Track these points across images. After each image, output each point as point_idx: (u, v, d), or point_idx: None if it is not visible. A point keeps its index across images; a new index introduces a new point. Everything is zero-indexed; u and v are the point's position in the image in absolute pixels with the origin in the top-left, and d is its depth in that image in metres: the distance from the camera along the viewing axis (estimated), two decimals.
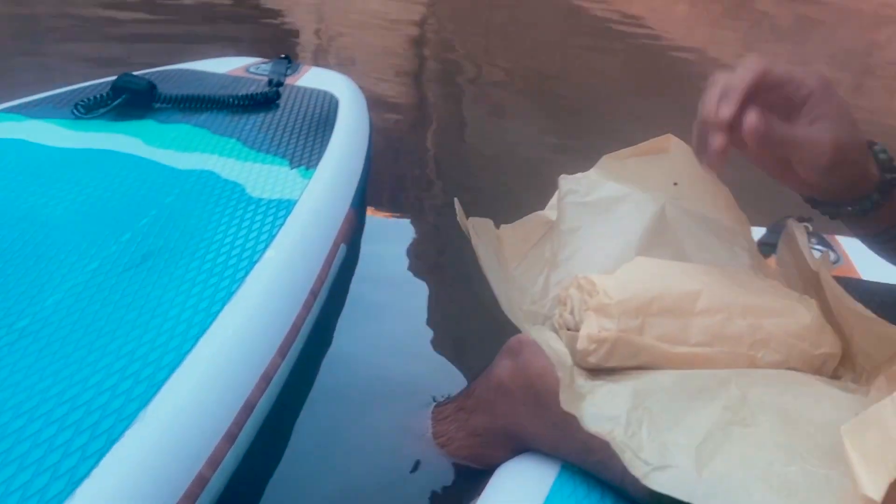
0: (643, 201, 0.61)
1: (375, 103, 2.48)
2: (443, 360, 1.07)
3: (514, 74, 3.40)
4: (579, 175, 0.63)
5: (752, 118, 0.49)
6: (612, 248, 0.60)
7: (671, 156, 0.63)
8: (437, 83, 3.20)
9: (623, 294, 0.52)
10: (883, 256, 0.68)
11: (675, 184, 0.61)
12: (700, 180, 0.62)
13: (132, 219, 0.91)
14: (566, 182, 0.62)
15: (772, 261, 0.70)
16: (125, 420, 0.62)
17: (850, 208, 0.57)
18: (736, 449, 0.43)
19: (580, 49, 4.17)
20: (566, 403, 0.45)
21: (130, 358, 0.68)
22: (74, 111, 1.20)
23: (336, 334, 1.07)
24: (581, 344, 0.51)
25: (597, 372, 0.53)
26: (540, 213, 0.64)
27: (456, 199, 0.53)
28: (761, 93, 0.53)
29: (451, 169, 2.06)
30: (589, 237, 0.61)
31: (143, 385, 0.66)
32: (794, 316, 0.53)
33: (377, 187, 1.72)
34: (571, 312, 0.56)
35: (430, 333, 1.13)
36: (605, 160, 0.63)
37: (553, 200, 0.63)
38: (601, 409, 0.46)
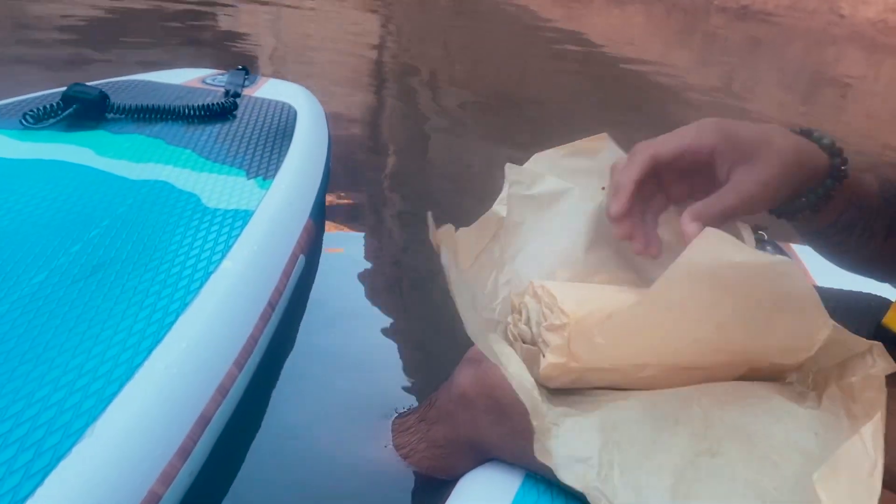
0: (582, 199, 0.61)
1: (335, 118, 2.47)
2: (404, 370, 1.06)
3: (473, 90, 3.42)
4: (519, 167, 0.62)
5: (689, 229, 0.49)
6: (557, 247, 0.60)
7: (601, 157, 0.62)
8: (396, 98, 3.20)
9: (580, 311, 0.51)
10: (831, 258, 0.69)
11: (603, 188, 0.60)
12: None
13: (82, 229, 0.89)
14: (511, 172, 0.61)
15: None
16: (72, 436, 0.59)
17: (804, 199, 0.57)
18: (708, 490, 0.43)
19: (539, 66, 4.23)
20: (539, 453, 0.45)
21: (79, 371, 0.66)
22: (23, 121, 1.16)
23: (295, 346, 1.05)
24: (545, 371, 0.51)
25: (558, 392, 0.52)
26: (492, 210, 0.62)
27: (429, 214, 0.51)
28: (665, 172, 0.54)
29: (410, 182, 2.06)
30: (533, 234, 0.60)
31: (91, 399, 0.63)
32: None
33: (337, 199, 1.70)
34: (527, 323, 0.55)
35: (390, 344, 1.12)
36: (537, 157, 0.62)
37: (503, 193, 0.62)
38: (572, 451, 0.46)
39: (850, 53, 6.64)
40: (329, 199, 1.66)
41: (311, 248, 1.10)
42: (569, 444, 0.46)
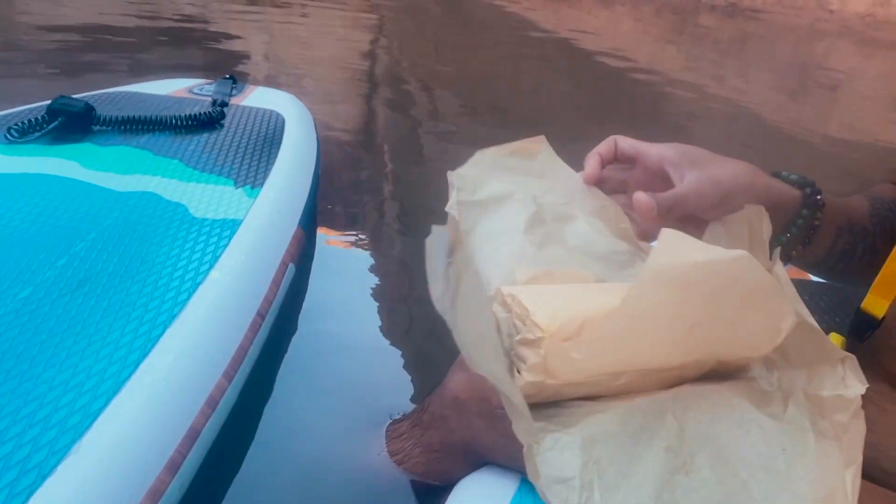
0: (525, 202, 0.62)
1: (329, 125, 2.46)
2: (397, 377, 1.05)
3: (465, 94, 3.42)
4: (463, 170, 0.62)
5: (639, 196, 0.55)
6: (510, 247, 0.60)
7: (539, 159, 0.65)
8: (389, 103, 3.20)
9: (553, 323, 0.51)
10: (846, 284, 0.70)
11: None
12: (568, 183, 0.64)
13: (68, 243, 0.88)
14: (455, 178, 0.62)
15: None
16: (58, 453, 0.58)
17: (788, 235, 0.59)
18: None
19: (530, 67, 4.23)
20: (531, 475, 0.45)
21: (64, 387, 0.65)
22: (7, 135, 1.15)
23: (286, 355, 1.04)
24: (522, 389, 0.50)
25: (532, 405, 0.51)
26: (449, 217, 0.60)
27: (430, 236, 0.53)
28: (625, 169, 0.62)
29: (403, 188, 2.05)
30: (485, 238, 0.60)
31: (77, 415, 0.62)
32: None
33: (329, 207, 1.70)
34: (497, 333, 0.54)
35: (383, 351, 1.11)
36: (479, 155, 0.63)
37: (451, 199, 0.62)
38: (553, 470, 0.46)
39: (840, 48, 6.66)
40: (323, 204, 1.65)
41: (301, 256, 1.10)
42: (550, 462, 0.46)
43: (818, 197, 0.59)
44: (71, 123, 1.21)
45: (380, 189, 2.02)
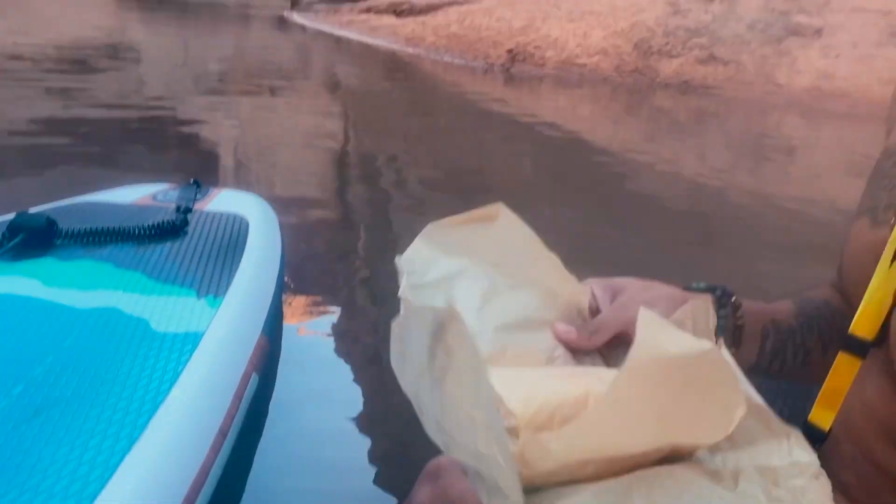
0: (477, 277, 0.61)
1: (299, 215, 2.49)
2: (367, 487, 1.03)
3: (430, 170, 3.49)
4: (410, 252, 0.61)
5: (557, 327, 0.61)
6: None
7: (498, 224, 0.64)
8: (357, 179, 3.25)
9: (528, 410, 0.51)
10: (795, 381, 0.72)
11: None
12: (526, 249, 0.64)
13: (26, 368, 0.87)
14: (404, 263, 0.61)
15: None
16: None
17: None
18: None
19: (494, 150, 4.33)
20: None
21: None
22: None
23: (252, 469, 1.02)
24: None
25: None
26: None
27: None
28: None
29: (374, 259, 2.06)
30: None
31: None
32: None
33: (299, 303, 1.70)
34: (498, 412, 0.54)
35: (353, 459, 1.10)
36: (431, 228, 0.62)
37: (402, 287, 0.61)
38: None
39: (790, 120, 6.93)
40: (291, 302, 1.65)
41: (264, 364, 1.09)
42: None
43: (732, 298, 0.63)
44: (32, 239, 1.21)
45: (350, 261, 2.03)
